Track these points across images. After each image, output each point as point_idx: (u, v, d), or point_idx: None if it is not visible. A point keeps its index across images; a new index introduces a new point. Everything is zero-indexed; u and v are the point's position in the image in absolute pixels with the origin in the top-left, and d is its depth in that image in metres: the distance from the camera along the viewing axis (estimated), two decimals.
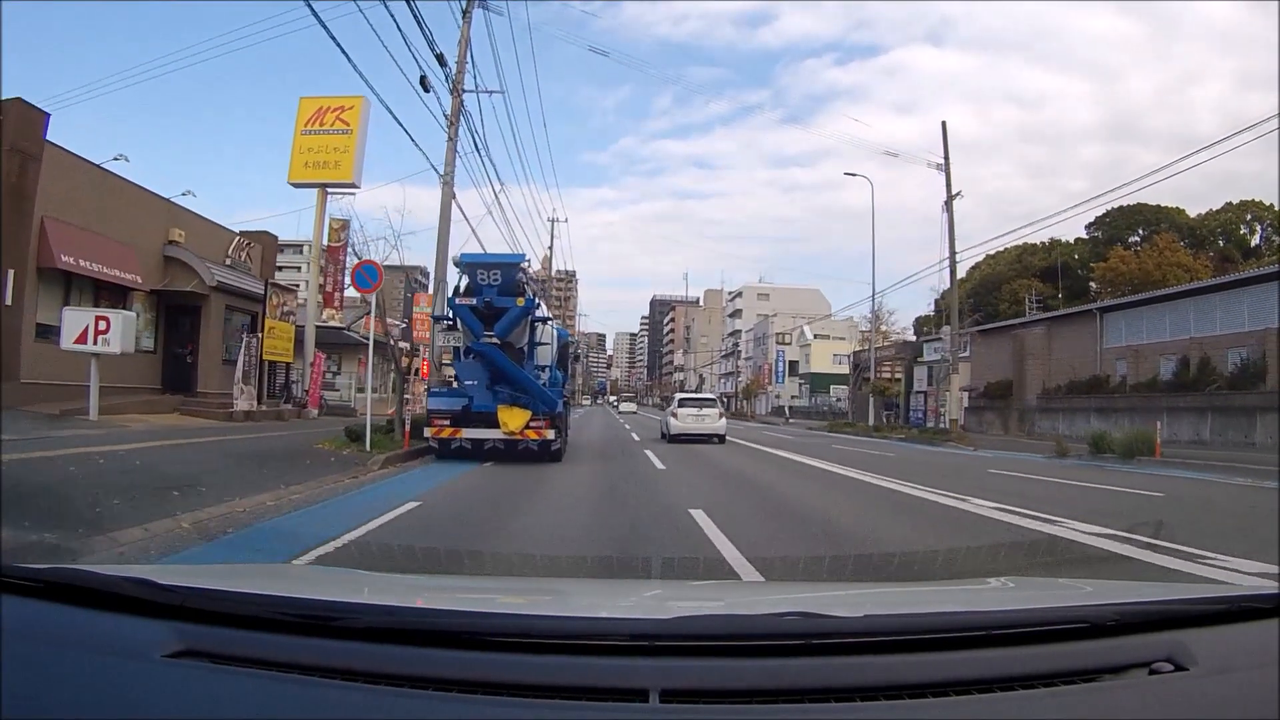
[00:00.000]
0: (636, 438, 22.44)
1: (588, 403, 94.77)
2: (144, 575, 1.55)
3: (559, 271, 79.33)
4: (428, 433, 13.14)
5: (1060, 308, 40.67)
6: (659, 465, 13.63)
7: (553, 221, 55.14)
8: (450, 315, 13.50)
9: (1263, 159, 77.72)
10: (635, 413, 61.52)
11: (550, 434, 12.95)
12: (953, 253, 28.69)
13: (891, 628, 1.49)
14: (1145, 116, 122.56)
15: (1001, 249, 49.97)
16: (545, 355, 14.36)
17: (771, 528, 7.11)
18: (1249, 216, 49.68)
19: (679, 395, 29.18)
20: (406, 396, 17.38)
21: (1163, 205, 51.09)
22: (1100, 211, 49.31)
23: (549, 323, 14.72)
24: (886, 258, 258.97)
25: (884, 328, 38.97)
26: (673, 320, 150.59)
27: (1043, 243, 52.18)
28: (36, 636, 1.39)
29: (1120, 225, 51.98)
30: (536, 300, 13.66)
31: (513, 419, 12.65)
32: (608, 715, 1.25)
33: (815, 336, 70.13)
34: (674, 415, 23.02)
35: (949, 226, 28.65)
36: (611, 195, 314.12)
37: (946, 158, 28.74)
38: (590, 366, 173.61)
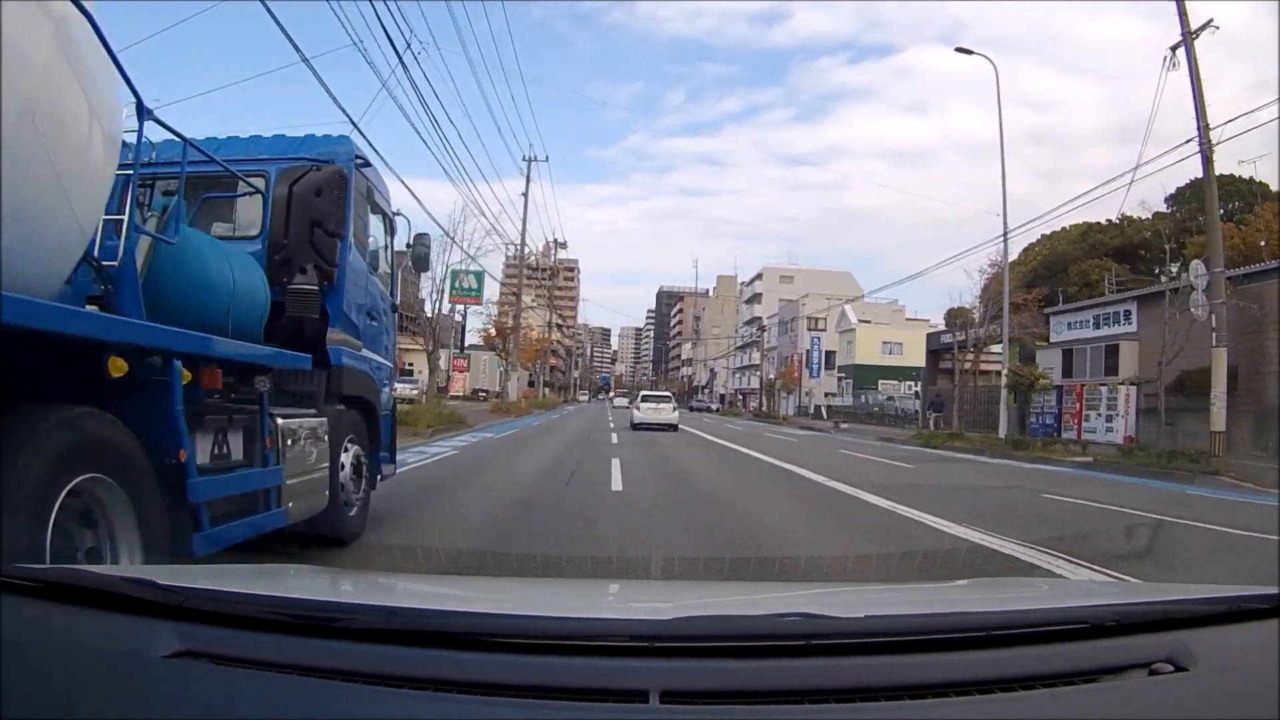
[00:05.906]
0: (618, 472, 14.22)
1: (584, 398, 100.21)
2: (144, 575, 1.60)
3: (558, 244, 62.61)
4: None
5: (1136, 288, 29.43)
6: None
7: (528, 161, 42.08)
8: None
9: (1262, 166, 67.54)
10: (626, 407, 55.13)
11: None
12: (1204, 127, 15.82)
13: (892, 628, 1.54)
14: (1156, 120, 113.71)
15: (1063, 228, 46.84)
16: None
17: None
18: None
19: (642, 392, 36.96)
20: None
21: (1255, 179, 46.70)
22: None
23: None
24: (913, 252, 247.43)
25: (972, 305, 26.36)
26: (680, 312, 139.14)
27: (1110, 220, 48.37)
28: (36, 636, 1.42)
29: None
30: None
31: None
32: (607, 716, 1.29)
33: (859, 321, 56.85)
34: (637, 408, 31.34)
35: (1192, 83, 15.76)
36: (620, 191, 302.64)
37: None
38: (595, 362, 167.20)
